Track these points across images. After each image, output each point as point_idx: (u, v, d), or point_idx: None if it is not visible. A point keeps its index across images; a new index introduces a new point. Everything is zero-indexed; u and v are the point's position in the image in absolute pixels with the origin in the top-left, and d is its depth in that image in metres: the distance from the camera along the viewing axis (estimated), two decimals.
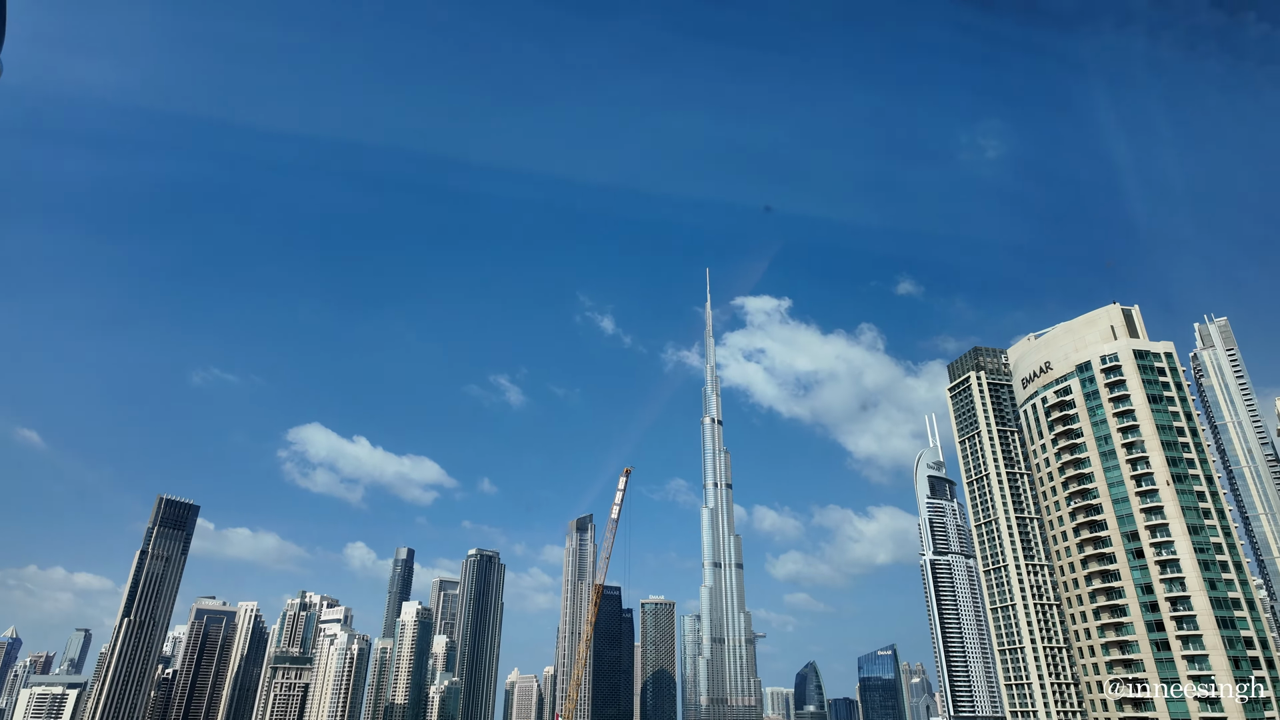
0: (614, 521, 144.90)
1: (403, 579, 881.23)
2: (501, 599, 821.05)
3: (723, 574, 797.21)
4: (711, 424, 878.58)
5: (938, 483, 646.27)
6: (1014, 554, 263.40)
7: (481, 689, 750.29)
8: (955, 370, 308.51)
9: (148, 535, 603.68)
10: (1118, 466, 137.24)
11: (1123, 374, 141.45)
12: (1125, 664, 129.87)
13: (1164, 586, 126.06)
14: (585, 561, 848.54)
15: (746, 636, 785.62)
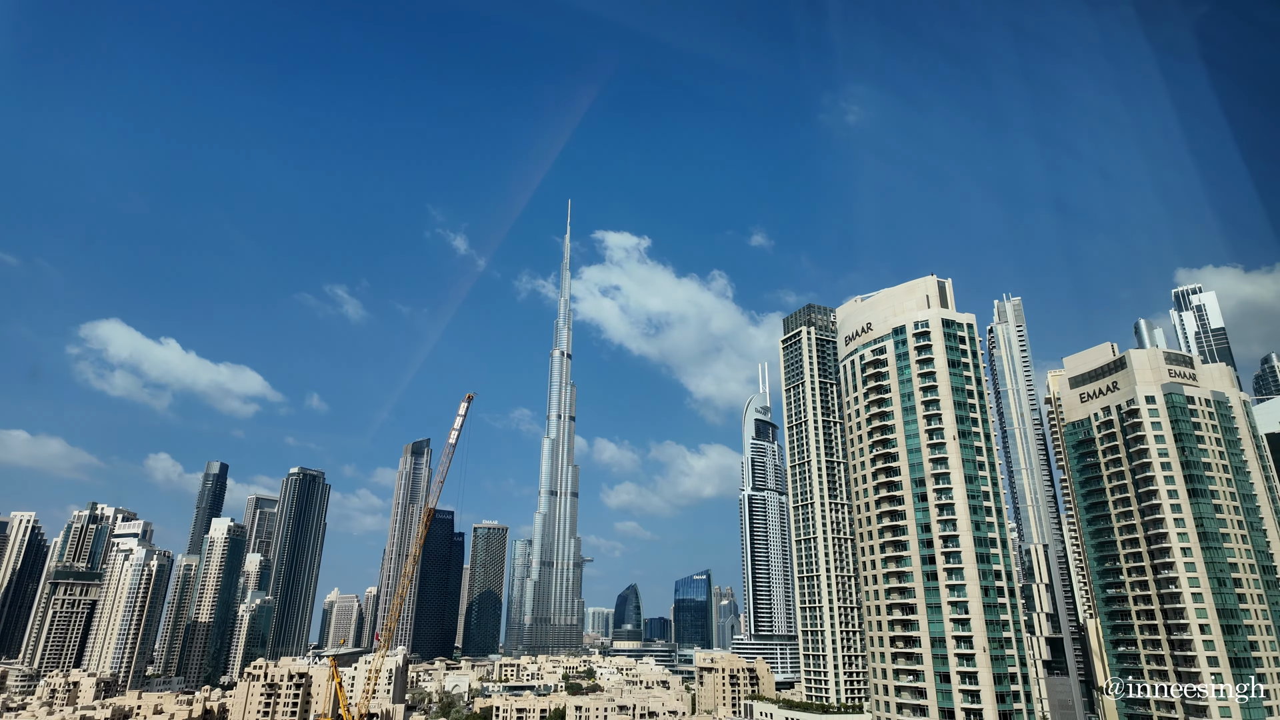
0: (451, 446, 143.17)
1: (214, 494, 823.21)
2: (325, 519, 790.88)
3: (558, 502, 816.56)
4: (561, 357, 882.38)
5: (763, 426, 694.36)
6: (820, 493, 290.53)
7: (298, 608, 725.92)
8: (789, 324, 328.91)
9: None
10: (915, 421, 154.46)
11: (930, 340, 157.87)
12: (900, 591, 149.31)
13: (939, 526, 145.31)
14: (419, 485, 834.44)
15: (575, 561, 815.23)
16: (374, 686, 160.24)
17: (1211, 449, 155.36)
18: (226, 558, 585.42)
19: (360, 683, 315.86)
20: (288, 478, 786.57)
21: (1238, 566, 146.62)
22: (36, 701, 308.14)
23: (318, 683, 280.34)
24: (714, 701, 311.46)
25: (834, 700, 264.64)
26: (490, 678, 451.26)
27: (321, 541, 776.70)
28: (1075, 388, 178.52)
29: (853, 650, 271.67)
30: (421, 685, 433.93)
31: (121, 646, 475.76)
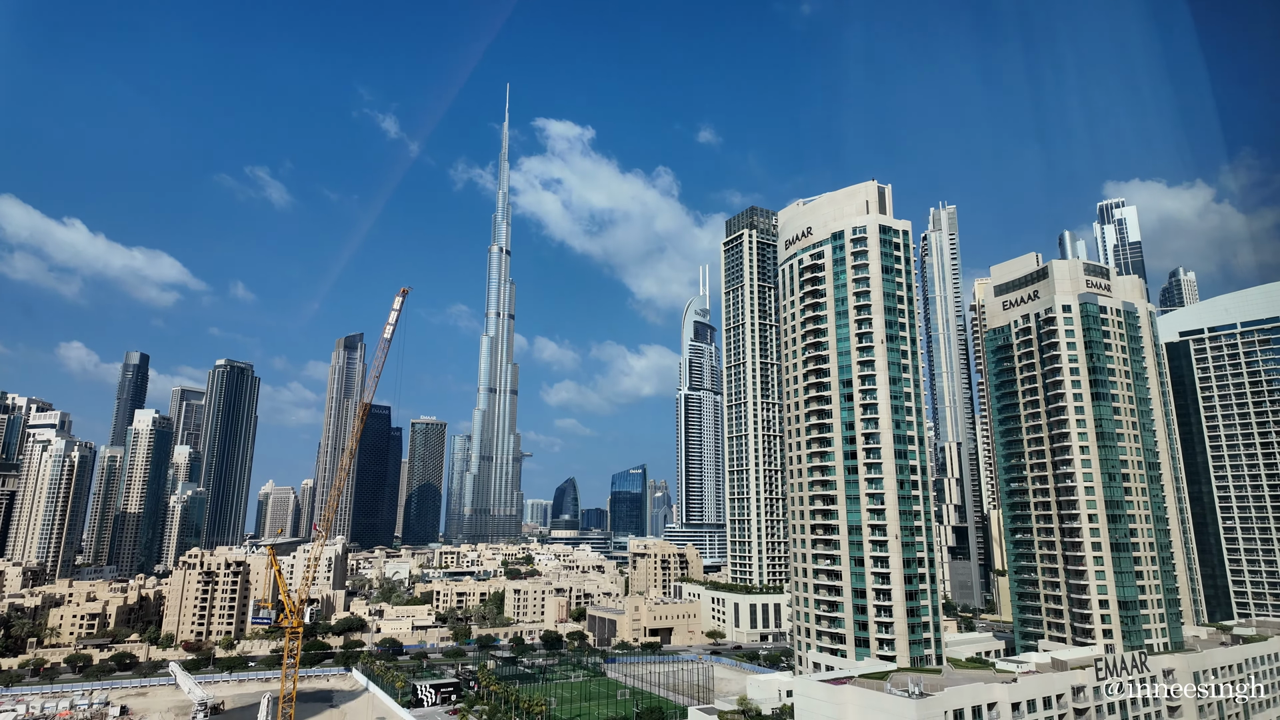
0: (386, 341, 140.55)
1: (135, 385, 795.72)
2: (255, 412, 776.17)
3: (497, 399, 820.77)
4: (499, 253, 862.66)
5: (701, 328, 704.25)
6: (753, 393, 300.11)
7: (231, 499, 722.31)
8: (732, 226, 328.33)
9: None
10: (847, 325, 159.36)
11: (866, 246, 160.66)
12: (823, 484, 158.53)
13: (863, 424, 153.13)
14: (353, 379, 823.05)
15: (514, 455, 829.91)
16: (314, 574, 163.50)
17: (1117, 356, 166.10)
18: (153, 450, 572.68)
19: (300, 570, 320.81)
20: (214, 369, 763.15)
21: (1128, 464, 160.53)
22: None
23: (256, 570, 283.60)
24: (646, 583, 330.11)
25: (757, 582, 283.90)
26: (431, 565, 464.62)
27: (253, 434, 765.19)
28: (999, 295, 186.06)
29: (776, 538, 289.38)
30: (362, 573, 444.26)
31: (46, 537, 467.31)
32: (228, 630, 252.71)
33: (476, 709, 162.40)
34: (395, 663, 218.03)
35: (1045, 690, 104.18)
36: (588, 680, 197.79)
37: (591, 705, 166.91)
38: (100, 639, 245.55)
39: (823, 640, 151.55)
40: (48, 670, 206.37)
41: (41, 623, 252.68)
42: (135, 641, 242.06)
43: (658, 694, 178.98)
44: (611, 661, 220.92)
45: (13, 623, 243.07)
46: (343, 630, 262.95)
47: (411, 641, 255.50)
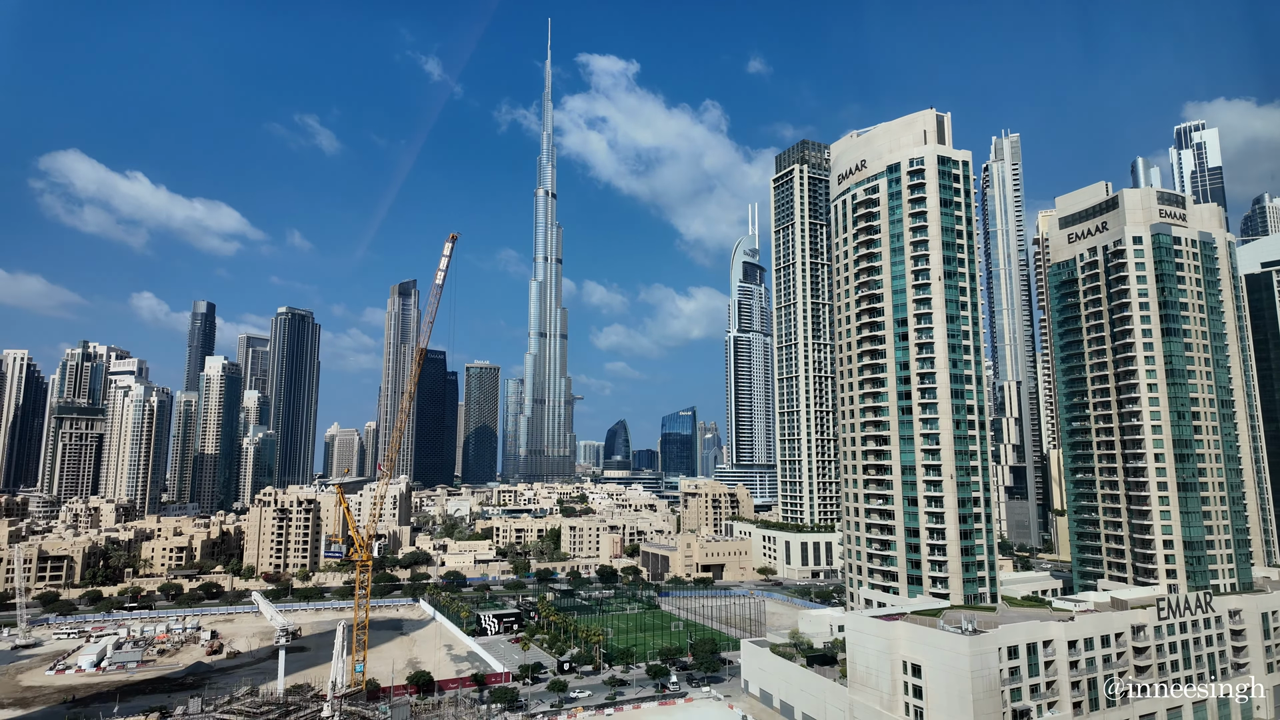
0: (438, 288, 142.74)
1: (204, 333, 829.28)
2: (318, 357, 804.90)
3: (547, 343, 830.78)
4: (545, 196, 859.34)
5: (750, 268, 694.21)
6: (804, 334, 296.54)
7: (300, 441, 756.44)
8: (782, 162, 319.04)
9: None
10: (903, 262, 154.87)
11: (924, 178, 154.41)
12: (876, 424, 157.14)
13: (918, 364, 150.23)
14: (409, 325, 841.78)
15: (566, 398, 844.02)
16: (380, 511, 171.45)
17: (1190, 289, 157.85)
18: (225, 394, 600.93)
19: (367, 508, 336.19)
20: (277, 317, 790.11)
21: (1198, 401, 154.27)
22: (61, 525, 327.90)
23: (326, 508, 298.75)
24: (697, 522, 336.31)
25: (808, 521, 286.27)
26: (489, 503, 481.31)
27: (317, 379, 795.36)
28: (1065, 228, 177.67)
29: (827, 478, 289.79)
30: (425, 510, 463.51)
31: (134, 476, 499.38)
32: (303, 563, 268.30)
33: (538, 638, 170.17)
34: (459, 594, 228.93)
35: (1103, 629, 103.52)
36: (643, 612, 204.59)
37: (647, 636, 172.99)
38: (188, 570, 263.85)
39: (875, 578, 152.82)
40: (144, 598, 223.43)
41: (135, 555, 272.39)
42: (220, 573, 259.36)
43: (711, 626, 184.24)
44: (665, 595, 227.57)
45: (110, 555, 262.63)
46: (409, 564, 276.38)
47: (474, 574, 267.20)
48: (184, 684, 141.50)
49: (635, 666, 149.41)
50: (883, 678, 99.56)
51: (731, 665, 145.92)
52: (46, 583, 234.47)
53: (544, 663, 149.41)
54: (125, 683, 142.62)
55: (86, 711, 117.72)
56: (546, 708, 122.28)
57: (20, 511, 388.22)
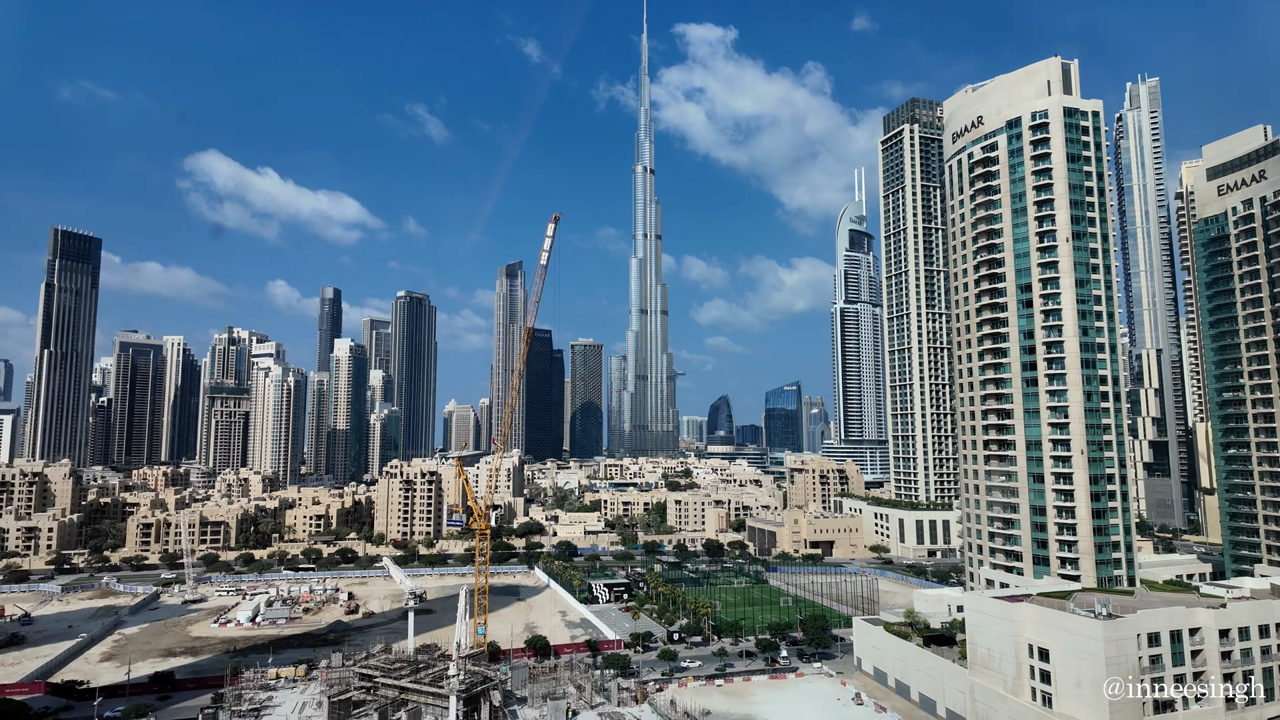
0: (543, 268, 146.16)
1: (332, 317, 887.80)
2: (434, 338, 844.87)
3: (648, 320, 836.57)
4: (644, 173, 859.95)
5: (857, 236, 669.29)
6: (917, 303, 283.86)
7: (420, 417, 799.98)
8: (890, 122, 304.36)
9: (50, 268, 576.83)
10: (1026, 224, 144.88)
11: (1048, 133, 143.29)
12: (998, 397, 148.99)
13: (1044, 332, 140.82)
14: (516, 305, 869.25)
15: (668, 374, 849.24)
16: (496, 483, 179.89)
17: None
18: (353, 374, 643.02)
19: (483, 479, 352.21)
20: (396, 300, 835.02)
21: None
22: (216, 494, 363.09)
23: (446, 480, 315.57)
24: (805, 498, 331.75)
25: (923, 498, 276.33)
26: (596, 476, 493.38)
27: (434, 358, 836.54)
28: (1214, 179, 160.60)
29: (943, 454, 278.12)
30: (537, 482, 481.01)
31: (276, 450, 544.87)
32: (427, 531, 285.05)
33: (647, 608, 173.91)
34: (571, 563, 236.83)
35: (1262, 618, 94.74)
36: (750, 587, 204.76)
37: (755, 610, 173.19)
38: (326, 536, 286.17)
39: (996, 558, 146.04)
40: (289, 560, 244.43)
41: (280, 521, 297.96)
42: (354, 539, 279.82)
43: (820, 603, 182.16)
44: (773, 570, 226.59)
45: (259, 521, 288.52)
46: (524, 533, 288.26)
47: (584, 545, 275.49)
48: (326, 640, 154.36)
49: (744, 639, 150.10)
50: (1006, 661, 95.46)
51: (843, 643, 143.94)
52: (207, 545, 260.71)
53: (654, 632, 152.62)
54: (276, 637, 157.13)
55: (245, 660, 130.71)
56: (658, 675, 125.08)
57: (183, 481, 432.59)
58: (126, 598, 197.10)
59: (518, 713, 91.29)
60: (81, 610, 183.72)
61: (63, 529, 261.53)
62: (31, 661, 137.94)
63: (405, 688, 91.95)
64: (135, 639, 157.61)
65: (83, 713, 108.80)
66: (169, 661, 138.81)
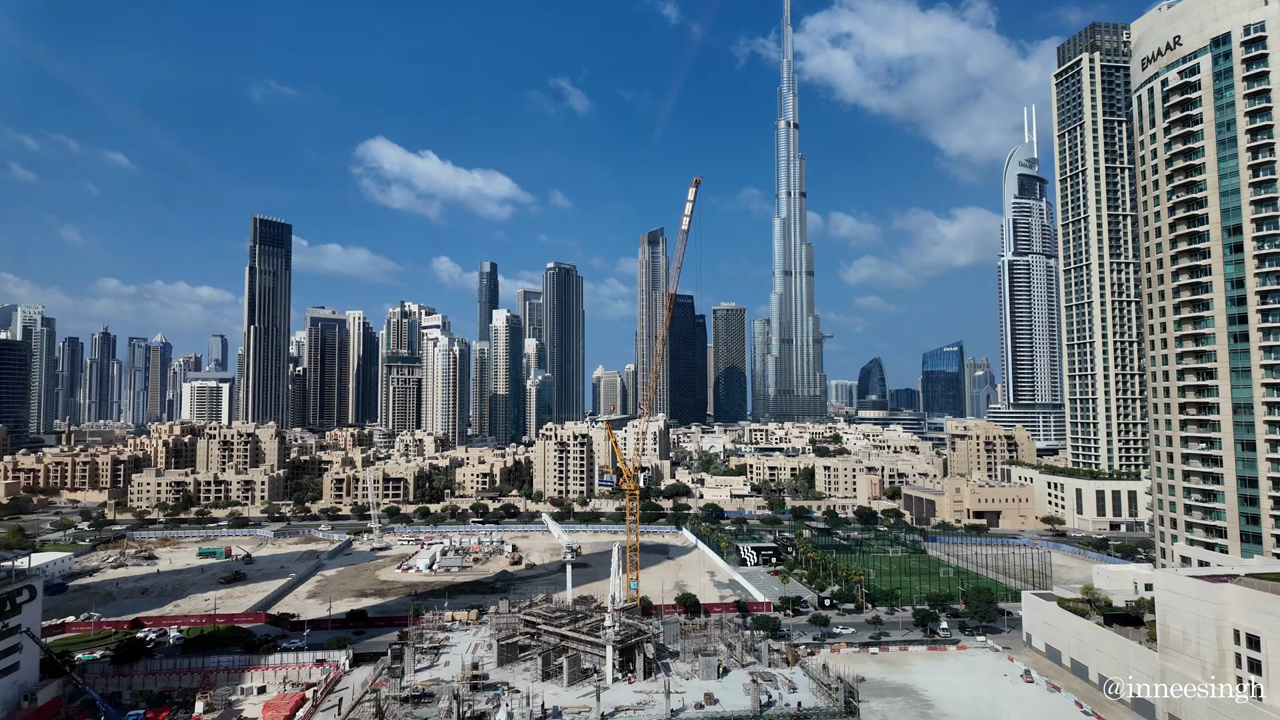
0: (684, 233, 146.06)
1: (489, 290, 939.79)
2: (582, 307, 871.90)
3: (793, 281, 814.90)
4: (787, 128, 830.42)
5: (1028, 181, 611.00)
6: (1099, 252, 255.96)
7: (570, 382, 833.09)
8: (1066, 52, 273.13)
9: (251, 252, 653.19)
10: (1235, 156, 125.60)
11: (1266, 47, 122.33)
12: (1198, 354, 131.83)
13: (1257, 280, 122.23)
14: (659, 272, 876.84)
15: (814, 337, 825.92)
16: (643, 446, 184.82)
17: None
18: (509, 343, 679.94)
19: (631, 442, 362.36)
20: (546, 271, 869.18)
21: None
22: (396, 453, 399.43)
23: (596, 442, 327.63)
24: (967, 465, 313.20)
25: (1105, 467, 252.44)
26: (741, 440, 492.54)
27: (582, 326, 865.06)
28: None
29: (1129, 418, 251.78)
30: (682, 446, 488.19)
31: (445, 413, 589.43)
32: (580, 490, 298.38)
33: (796, 572, 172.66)
34: (718, 525, 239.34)
35: None
36: (906, 556, 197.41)
37: (911, 580, 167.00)
38: (490, 492, 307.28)
39: (1194, 533, 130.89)
40: (459, 514, 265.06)
41: (451, 478, 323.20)
42: (515, 496, 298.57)
43: (985, 575, 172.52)
44: (931, 540, 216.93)
45: (432, 478, 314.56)
46: (670, 495, 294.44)
47: (730, 508, 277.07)
48: (493, 588, 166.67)
49: (900, 609, 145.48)
50: (1205, 646, 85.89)
51: (1010, 617, 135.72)
52: (389, 499, 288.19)
53: (804, 597, 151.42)
54: (450, 583, 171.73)
55: (424, 603, 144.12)
56: (809, 640, 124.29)
57: (367, 442, 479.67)
58: (325, 544, 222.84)
59: (670, 666, 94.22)
60: (290, 553, 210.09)
61: (272, 483, 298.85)
62: (254, 595, 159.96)
63: (565, 635, 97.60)
64: (333, 580, 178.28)
65: (294, 641, 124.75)
66: (361, 601, 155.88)
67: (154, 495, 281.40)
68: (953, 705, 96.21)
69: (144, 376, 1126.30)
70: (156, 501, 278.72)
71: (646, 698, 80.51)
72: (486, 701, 79.16)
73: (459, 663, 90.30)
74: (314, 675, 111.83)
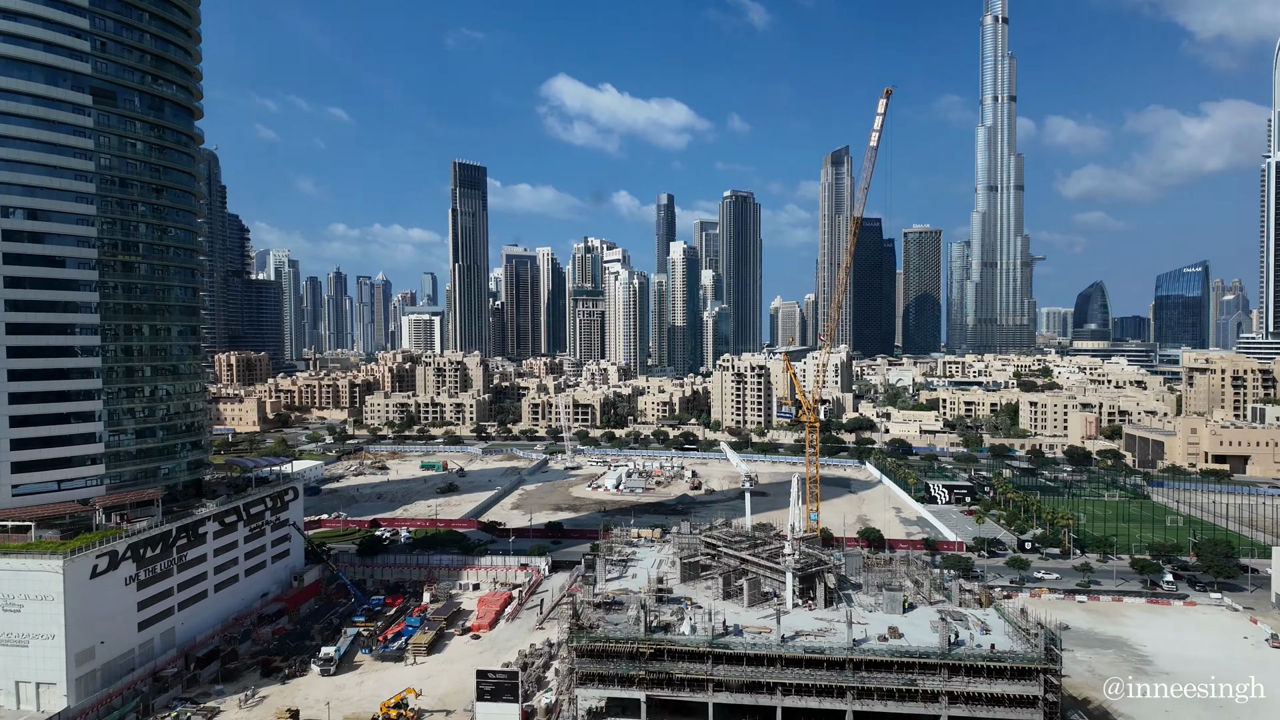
0: (872, 150, 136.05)
1: (666, 222, 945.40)
2: (759, 235, 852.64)
3: (998, 197, 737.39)
4: (994, 24, 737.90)
5: None
6: None
7: (748, 314, 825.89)
8: None
9: (453, 195, 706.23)
10: None
11: None
12: None
13: None
14: (842, 194, 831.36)
15: (1022, 260, 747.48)
16: (823, 378, 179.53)
17: None
18: (686, 275, 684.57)
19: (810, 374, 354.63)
20: (722, 201, 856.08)
21: None
22: (584, 381, 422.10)
23: (774, 374, 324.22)
24: (1208, 403, 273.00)
25: None
26: (933, 373, 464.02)
27: (760, 255, 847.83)
28: None
29: None
30: (866, 379, 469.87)
31: (626, 344, 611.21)
32: (758, 421, 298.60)
33: (993, 513, 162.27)
34: (905, 461, 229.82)
35: None
36: (1126, 501, 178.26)
37: (1130, 527, 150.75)
38: (670, 420, 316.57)
39: None
40: (641, 439, 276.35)
41: (633, 405, 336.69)
42: (694, 424, 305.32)
43: (1223, 526, 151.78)
44: (1158, 485, 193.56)
45: (616, 405, 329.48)
46: (853, 429, 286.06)
47: (919, 444, 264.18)
48: (674, 509, 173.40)
49: (1115, 558, 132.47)
50: None
51: (1257, 575, 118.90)
52: (578, 423, 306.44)
53: (1001, 539, 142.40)
54: (635, 503, 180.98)
55: (612, 520, 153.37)
56: (1005, 583, 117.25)
57: (558, 370, 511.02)
58: (524, 461, 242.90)
59: (852, 597, 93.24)
60: (495, 469, 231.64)
61: (479, 405, 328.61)
62: (466, 504, 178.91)
63: (745, 559, 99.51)
64: (532, 494, 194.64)
65: (501, 546, 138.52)
66: (557, 514, 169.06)
67: (383, 414, 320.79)
68: (1175, 663, 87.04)
69: (370, 310, 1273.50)
70: (385, 420, 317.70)
71: (827, 625, 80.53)
72: (671, 613, 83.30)
73: (645, 576, 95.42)
74: (519, 577, 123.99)
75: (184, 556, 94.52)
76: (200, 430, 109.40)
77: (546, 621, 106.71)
